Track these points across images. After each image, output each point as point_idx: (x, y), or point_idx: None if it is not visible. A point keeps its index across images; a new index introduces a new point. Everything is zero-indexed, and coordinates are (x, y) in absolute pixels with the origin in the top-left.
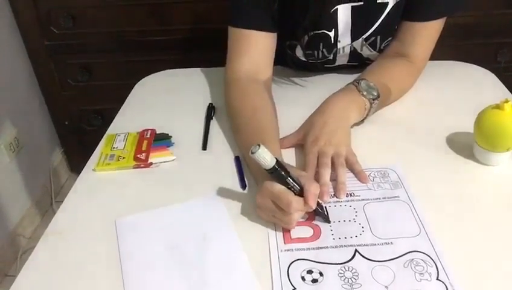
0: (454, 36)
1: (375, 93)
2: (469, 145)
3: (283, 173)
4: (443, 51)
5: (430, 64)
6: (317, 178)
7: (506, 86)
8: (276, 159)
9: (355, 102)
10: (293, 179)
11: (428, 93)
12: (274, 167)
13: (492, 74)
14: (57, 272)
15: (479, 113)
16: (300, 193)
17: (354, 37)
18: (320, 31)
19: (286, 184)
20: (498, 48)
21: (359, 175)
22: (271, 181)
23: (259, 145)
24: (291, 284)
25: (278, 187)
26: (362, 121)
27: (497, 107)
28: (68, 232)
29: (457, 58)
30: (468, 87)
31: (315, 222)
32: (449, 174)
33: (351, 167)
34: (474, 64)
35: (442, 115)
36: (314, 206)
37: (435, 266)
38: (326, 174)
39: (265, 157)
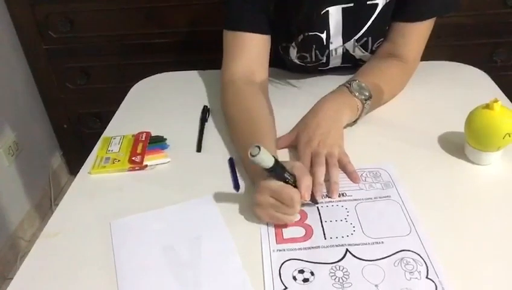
0: (450, 36)
1: (367, 94)
2: (460, 145)
3: (281, 170)
4: (439, 51)
5: (423, 65)
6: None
7: (502, 86)
8: (274, 157)
9: (347, 103)
10: (289, 173)
11: (421, 93)
12: (274, 165)
13: (485, 74)
14: (53, 274)
15: (470, 113)
16: (295, 183)
17: (346, 38)
18: (312, 33)
19: (284, 179)
20: (494, 48)
21: (351, 175)
22: (268, 179)
23: (259, 148)
24: (283, 283)
25: (277, 183)
26: (355, 121)
27: (487, 107)
28: (64, 235)
29: (453, 58)
30: (461, 87)
31: (307, 222)
32: (440, 173)
33: (344, 167)
34: (470, 64)
35: (434, 114)
36: (308, 198)
37: (424, 264)
38: (321, 173)
39: (265, 158)
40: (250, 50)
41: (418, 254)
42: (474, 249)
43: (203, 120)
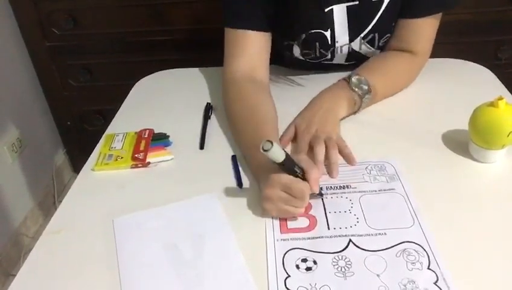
0: (455, 33)
1: (366, 88)
2: (465, 142)
3: (292, 163)
4: (443, 48)
5: (427, 62)
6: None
7: (506, 84)
8: (285, 151)
9: (344, 96)
10: (298, 167)
11: (425, 90)
12: (285, 159)
13: (489, 71)
14: (56, 271)
15: (474, 110)
16: (304, 176)
17: (352, 36)
18: (316, 31)
19: (294, 173)
20: (498, 45)
21: (348, 157)
22: (277, 173)
23: (271, 142)
24: (286, 272)
25: (287, 177)
26: (355, 113)
27: (492, 104)
28: (67, 232)
29: (457, 55)
30: (465, 84)
31: (311, 213)
32: (445, 171)
33: (341, 150)
34: (475, 61)
35: (439, 112)
36: (317, 190)
37: (426, 255)
38: (321, 151)
39: (278, 152)
40: (251, 47)
41: (421, 246)
42: (476, 244)
43: (206, 117)
